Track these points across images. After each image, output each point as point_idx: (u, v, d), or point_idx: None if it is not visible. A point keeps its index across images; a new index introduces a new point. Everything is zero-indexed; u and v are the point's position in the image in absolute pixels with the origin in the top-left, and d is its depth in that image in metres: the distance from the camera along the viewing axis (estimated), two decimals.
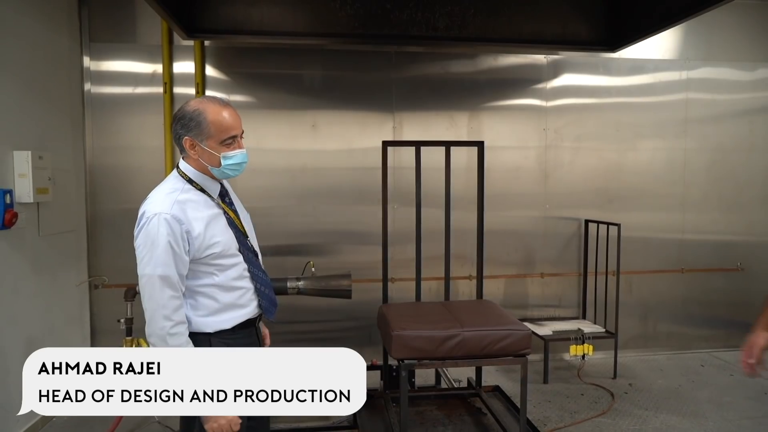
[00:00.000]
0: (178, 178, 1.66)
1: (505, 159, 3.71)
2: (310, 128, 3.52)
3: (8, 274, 2.51)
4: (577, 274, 3.84)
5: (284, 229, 3.53)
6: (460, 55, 3.64)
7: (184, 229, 1.55)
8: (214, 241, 1.61)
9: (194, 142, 1.60)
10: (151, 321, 1.54)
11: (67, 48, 3.12)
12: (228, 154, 1.63)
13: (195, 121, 1.59)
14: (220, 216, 1.68)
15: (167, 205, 1.55)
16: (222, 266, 1.64)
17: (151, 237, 1.53)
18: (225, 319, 1.66)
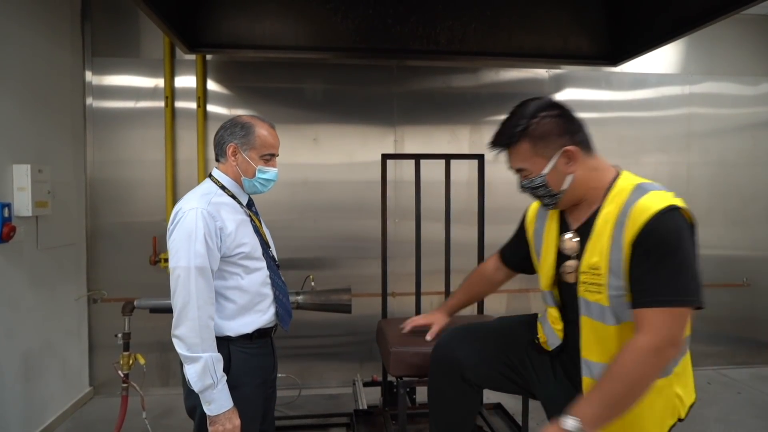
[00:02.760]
0: (211, 184, 1.75)
1: (507, 173, 3.59)
2: (311, 142, 3.51)
3: (5, 288, 2.49)
4: None
5: (285, 243, 3.46)
6: (461, 70, 3.64)
7: (218, 226, 1.61)
8: (243, 242, 1.67)
9: (237, 150, 1.72)
10: (182, 314, 1.56)
11: (69, 62, 3.13)
12: (264, 168, 1.75)
13: (245, 131, 1.72)
14: (248, 222, 1.76)
15: (203, 203, 1.62)
16: (248, 268, 1.69)
17: (187, 230, 1.57)
18: (246, 323, 1.69)
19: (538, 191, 1.48)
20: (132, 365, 2.56)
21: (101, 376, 3.35)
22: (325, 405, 3.14)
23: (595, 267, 1.38)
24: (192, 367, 1.54)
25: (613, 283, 1.34)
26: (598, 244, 1.39)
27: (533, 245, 1.69)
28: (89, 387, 3.32)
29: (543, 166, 1.45)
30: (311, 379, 3.51)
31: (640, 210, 1.31)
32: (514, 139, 1.47)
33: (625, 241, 1.32)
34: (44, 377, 2.80)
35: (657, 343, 1.24)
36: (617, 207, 1.38)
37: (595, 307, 1.39)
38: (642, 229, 1.29)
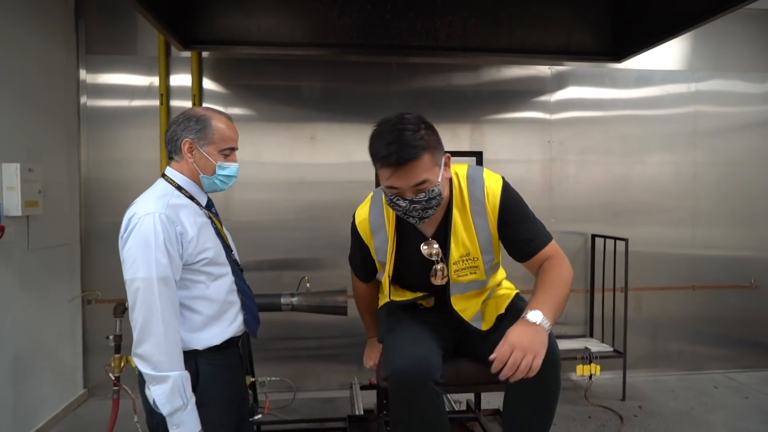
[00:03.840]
0: (166, 184, 1.63)
1: (509, 172, 3.48)
2: (308, 141, 3.45)
3: None
4: (584, 291, 3.72)
5: (281, 243, 3.45)
6: (462, 67, 3.57)
7: (178, 231, 1.50)
8: (206, 246, 1.57)
9: (193, 146, 1.60)
10: (145, 330, 1.44)
11: (63, 60, 3.09)
12: (224, 164, 1.63)
13: (201, 124, 1.60)
14: (209, 225, 1.64)
15: (161, 206, 1.50)
16: (213, 275, 1.59)
17: (145, 237, 1.45)
18: (214, 334, 1.58)
19: (431, 202, 1.53)
20: (124, 368, 2.50)
21: (96, 377, 3.30)
22: (320, 409, 3.08)
23: (466, 254, 1.65)
24: (159, 387, 1.44)
25: (487, 258, 1.67)
26: (463, 237, 1.65)
27: (377, 258, 1.78)
28: (83, 389, 3.27)
29: (437, 175, 1.52)
30: (308, 381, 3.45)
31: (493, 194, 1.63)
32: (420, 150, 1.46)
33: (491, 222, 1.64)
34: (36, 379, 2.75)
35: (566, 262, 1.66)
36: (465, 200, 1.64)
37: (471, 284, 1.70)
38: (501, 202, 1.63)
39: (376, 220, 1.73)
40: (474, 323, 1.71)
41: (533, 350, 1.38)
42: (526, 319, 1.45)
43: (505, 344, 1.39)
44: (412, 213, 1.54)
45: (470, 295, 1.72)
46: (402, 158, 1.45)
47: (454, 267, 1.65)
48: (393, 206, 1.56)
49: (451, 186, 1.64)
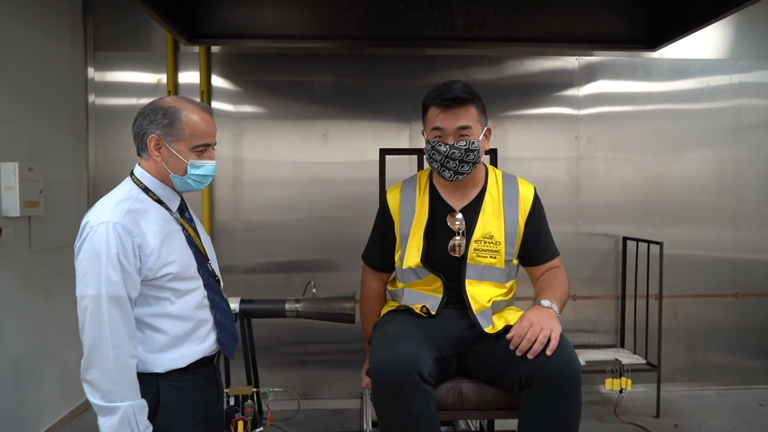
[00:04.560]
0: (132, 185, 1.48)
1: (532, 170, 3.40)
2: (320, 138, 3.31)
3: None
4: (615, 298, 3.47)
5: (291, 244, 3.32)
6: (483, 60, 3.37)
7: (135, 243, 1.34)
8: (170, 260, 1.40)
9: (161, 143, 1.43)
10: (92, 354, 1.28)
11: (70, 58, 3.03)
12: (197, 163, 1.45)
13: (168, 118, 1.42)
14: (179, 233, 1.47)
15: (117, 214, 1.34)
16: (178, 291, 1.43)
17: (96, 250, 1.30)
18: (178, 357, 1.42)
19: (469, 156, 1.62)
20: None
21: None
22: (327, 422, 2.93)
23: (489, 236, 1.69)
24: (107, 419, 1.28)
25: (509, 250, 1.71)
26: (491, 218, 1.71)
27: (399, 232, 1.78)
28: None
29: (480, 133, 1.66)
30: (319, 388, 3.31)
31: (528, 193, 1.76)
32: (470, 99, 1.63)
33: (521, 219, 1.73)
34: (38, 383, 2.69)
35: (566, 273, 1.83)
36: (499, 190, 1.74)
37: (488, 270, 1.70)
38: (532, 206, 1.75)
39: (408, 193, 1.80)
40: (480, 318, 1.66)
41: (549, 325, 1.48)
42: (539, 304, 1.58)
43: (522, 320, 1.50)
44: (449, 162, 1.62)
45: (484, 285, 1.70)
46: (454, 96, 1.60)
47: (474, 245, 1.67)
48: (433, 154, 1.64)
49: (486, 175, 1.78)
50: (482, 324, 1.65)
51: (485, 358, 1.61)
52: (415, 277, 1.75)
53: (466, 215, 1.71)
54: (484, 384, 1.58)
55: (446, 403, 1.56)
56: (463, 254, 1.68)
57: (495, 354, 1.55)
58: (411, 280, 1.76)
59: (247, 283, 3.28)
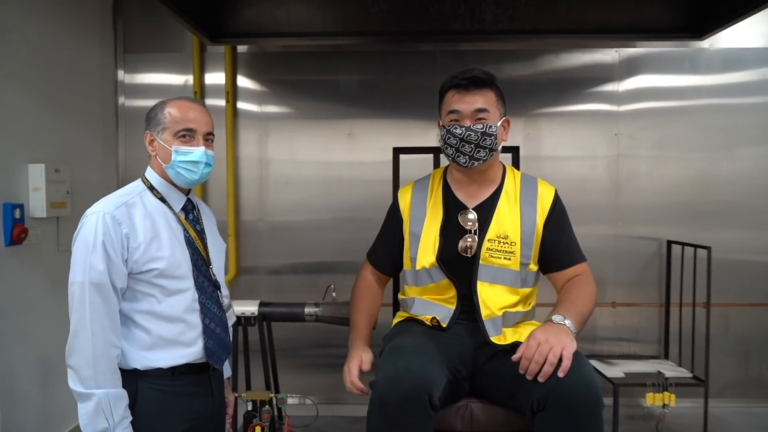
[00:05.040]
0: (138, 183, 1.53)
1: (568, 169, 3.23)
2: (346, 137, 3.24)
3: (20, 291, 2.42)
4: (658, 305, 3.25)
5: (317, 246, 3.27)
6: (514, 54, 3.22)
7: (123, 233, 1.36)
8: (158, 256, 1.40)
9: (153, 137, 1.48)
10: (74, 340, 1.31)
11: (100, 61, 3.07)
12: (181, 148, 1.44)
13: (155, 112, 1.48)
14: (177, 232, 1.47)
15: (110, 205, 1.39)
16: (166, 290, 1.41)
17: (86, 238, 1.35)
18: (161, 358, 1.40)
19: (485, 140, 1.55)
20: None
21: None
22: (346, 429, 2.85)
23: (504, 236, 1.59)
24: (83, 406, 1.29)
25: (525, 252, 1.60)
26: (507, 217, 1.61)
27: (409, 231, 1.71)
28: None
29: (498, 119, 1.60)
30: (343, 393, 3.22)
31: (547, 194, 1.67)
32: (489, 82, 1.59)
33: (539, 220, 1.62)
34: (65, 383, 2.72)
35: (594, 283, 1.65)
36: (516, 189, 1.66)
37: (501, 272, 1.59)
38: (552, 208, 1.65)
39: (419, 192, 1.75)
40: (488, 325, 1.55)
41: (561, 343, 1.33)
42: (550, 321, 1.43)
43: (529, 339, 1.36)
44: (465, 146, 1.55)
45: (497, 289, 1.60)
46: (472, 76, 1.56)
47: (487, 245, 1.59)
48: (447, 138, 1.58)
49: (504, 174, 1.70)
50: (489, 332, 1.54)
51: (497, 378, 1.49)
52: (428, 279, 1.65)
53: (479, 213, 1.63)
54: (496, 405, 1.46)
55: (455, 425, 1.44)
56: (474, 254, 1.59)
57: (507, 374, 1.42)
58: (425, 283, 1.66)
59: (272, 285, 3.25)
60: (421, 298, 1.67)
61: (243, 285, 3.26)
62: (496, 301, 1.57)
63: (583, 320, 1.48)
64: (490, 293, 1.58)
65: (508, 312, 1.59)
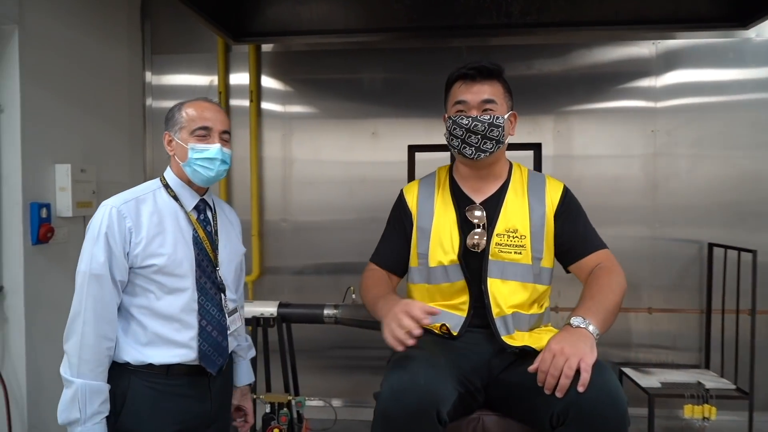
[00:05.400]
0: (155, 181, 1.56)
1: (601, 168, 3.09)
2: (369, 136, 3.19)
3: (46, 289, 2.46)
4: (699, 312, 3.07)
5: (340, 246, 3.23)
6: (545, 50, 3.10)
7: (127, 227, 1.39)
8: (159, 252, 1.41)
9: (171, 137, 1.51)
10: (70, 326, 1.39)
11: (128, 62, 3.11)
12: (197, 146, 1.46)
13: (172, 113, 1.52)
14: (185, 231, 1.49)
15: (120, 200, 1.43)
16: (164, 287, 1.42)
17: (93, 230, 1.40)
18: (153, 354, 1.40)
19: (492, 131, 1.51)
20: None
21: None
22: None
23: (513, 229, 1.54)
24: (65, 392, 1.32)
25: (536, 246, 1.54)
26: (515, 211, 1.56)
27: (417, 225, 1.64)
28: None
29: (505, 111, 1.56)
30: (366, 396, 3.18)
31: (555, 187, 1.61)
32: (497, 73, 1.56)
33: (548, 213, 1.57)
34: None
35: (620, 271, 1.50)
36: (524, 185, 1.61)
37: (512, 267, 1.52)
38: (561, 200, 1.59)
39: (426, 189, 1.70)
40: (499, 324, 1.49)
41: (578, 353, 1.20)
42: (568, 325, 1.31)
43: (545, 352, 1.24)
44: (471, 137, 1.52)
45: (508, 285, 1.53)
46: (479, 68, 1.53)
47: (496, 239, 1.53)
48: (453, 129, 1.54)
49: (510, 170, 1.66)
50: (500, 331, 1.47)
51: (514, 389, 1.39)
52: (444, 278, 1.57)
53: (487, 208, 1.58)
54: (511, 419, 1.36)
55: None
56: (483, 250, 1.53)
57: (523, 384, 1.31)
58: (438, 281, 1.58)
59: (294, 285, 3.24)
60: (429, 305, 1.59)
61: (266, 285, 3.25)
62: (507, 298, 1.51)
63: (608, 317, 1.36)
64: (501, 290, 1.52)
65: (519, 313, 1.51)
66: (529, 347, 1.40)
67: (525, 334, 1.50)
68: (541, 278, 1.56)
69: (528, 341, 1.44)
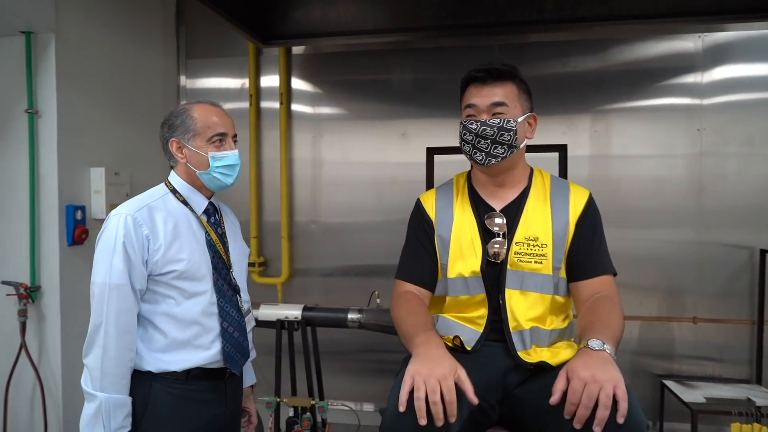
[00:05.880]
0: (161, 186, 1.54)
1: (642, 169, 2.94)
2: (399, 137, 3.15)
3: (81, 289, 2.53)
4: (749, 322, 2.87)
5: (369, 248, 3.20)
6: (582, 46, 2.97)
7: (144, 234, 1.37)
8: (178, 257, 1.40)
9: (181, 144, 1.48)
10: (91, 339, 1.35)
11: (162, 67, 3.18)
12: (218, 154, 1.46)
13: (180, 119, 1.48)
14: (198, 235, 1.49)
15: (133, 207, 1.41)
16: (185, 291, 1.41)
17: (108, 239, 1.37)
18: (175, 360, 1.39)
19: (502, 135, 1.44)
20: None
21: None
22: None
23: (534, 238, 1.46)
24: (87, 406, 1.31)
25: (557, 255, 1.45)
26: (536, 218, 1.48)
27: (436, 236, 1.55)
28: None
29: (519, 114, 1.48)
30: None
31: (580, 194, 1.52)
32: (508, 75, 1.48)
33: (571, 219, 1.48)
34: None
35: (620, 305, 1.41)
36: (546, 191, 1.53)
37: (531, 277, 1.44)
38: (585, 209, 1.49)
39: (444, 197, 1.62)
40: (515, 338, 1.41)
41: (612, 379, 1.08)
42: (588, 348, 1.19)
43: (574, 381, 1.10)
44: (481, 142, 1.45)
45: (528, 297, 1.44)
46: (489, 68, 1.48)
47: (515, 248, 1.45)
48: (464, 134, 1.49)
49: (531, 176, 1.58)
50: (517, 346, 1.39)
51: (530, 409, 1.31)
52: (464, 290, 1.48)
53: (506, 215, 1.50)
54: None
55: None
56: (503, 260, 1.45)
57: (542, 405, 1.20)
58: (456, 293, 1.50)
59: (323, 287, 3.23)
60: (445, 317, 1.53)
61: (295, 287, 3.25)
62: (525, 311, 1.43)
63: (618, 344, 1.27)
64: (519, 302, 1.44)
65: (539, 328, 1.42)
66: (545, 363, 1.32)
67: (544, 350, 1.41)
68: (560, 289, 1.47)
69: (545, 356, 1.36)
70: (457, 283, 1.49)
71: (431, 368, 1.12)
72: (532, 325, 1.42)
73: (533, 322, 1.42)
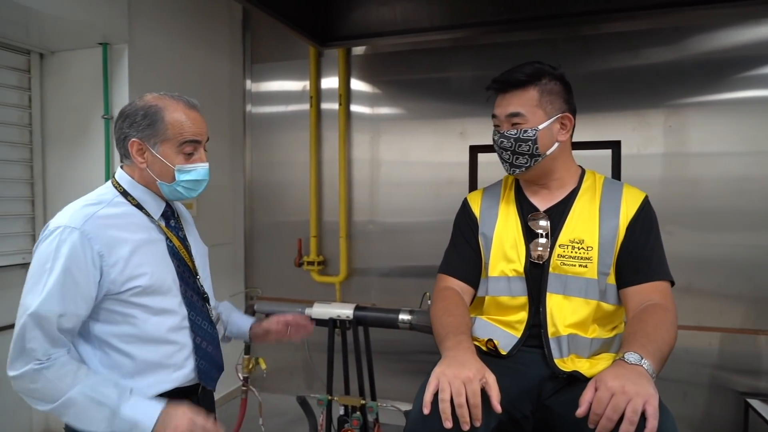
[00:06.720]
0: (108, 188, 1.32)
1: (723, 167, 2.70)
2: (457, 137, 3.09)
3: None
4: None
5: (427, 249, 3.17)
6: (654, 36, 2.78)
7: (95, 251, 1.17)
8: (139, 272, 1.22)
9: (143, 147, 1.27)
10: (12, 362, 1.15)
11: (228, 72, 3.32)
12: (185, 167, 1.28)
13: (149, 119, 1.26)
14: (159, 242, 1.31)
15: (79, 219, 1.18)
16: (149, 308, 1.24)
17: (44, 257, 1.15)
18: (146, 385, 1.24)
19: (520, 146, 1.41)
20: (253, 369, 2.53)
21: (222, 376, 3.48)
22: None
23: (579, 240, 1.39)
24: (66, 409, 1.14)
25: (604, 260, 1.37)
26: (582, 220, 1.42)
27: (481, 234, 1.52)
28: None
29: (540, 121, 1.41)
30: None
31: (633, 196, 1.43)
32: (526, 82, 1.41)
33: (622, 222, 1.39)
34: None
35: (675, 313, 1.29)
36: (597, 193, 1.45)
37: (574, 281, 1.38)
38: (638, 212, 1.40)
39: (490, 197, 1.62)
40: (553, 345, 1.34)
41: (643, 393, 1.00)
42: (622, 360, 1.11)
43: (600, 390, 1.03)
44: (504, 154, 1.46)
45: (571, 302, 1.37)
46: (504, 78, 1.44)
47: (559, 250, 1.40)
48: (494, 145, 1.50)
49: (582, 177, 1.51)
50: (553, 353, 1.33)
51: (561, 421, 1.23)
52: (506, 290, 1.44)
53: (552, 217, 1.46)
54: None
55: None
56: (545, 261, 1.40)
57: (570, 417, 1.11)
58: (497, 293, 1.45)
59: (382, 287, 3.24)
60: (482, 318, 1.48)
61: (354, 286, 3.29)
62: (566, 317, 1.37)
63: (663, 361, 1.16)
64: (561, 307, 1.37)
65: (578, 335, 1.34)
66: (579, 373, 1.24)
67: (582, 360, 1.33)
68: (607, 296, 1.38)
69: (582, 367, 1.28)
70: (499, 282, 1.45)
71: (457, 370, 1.09)
72: (570, 332, 1.35)
73: (572, 328, 1.35)
